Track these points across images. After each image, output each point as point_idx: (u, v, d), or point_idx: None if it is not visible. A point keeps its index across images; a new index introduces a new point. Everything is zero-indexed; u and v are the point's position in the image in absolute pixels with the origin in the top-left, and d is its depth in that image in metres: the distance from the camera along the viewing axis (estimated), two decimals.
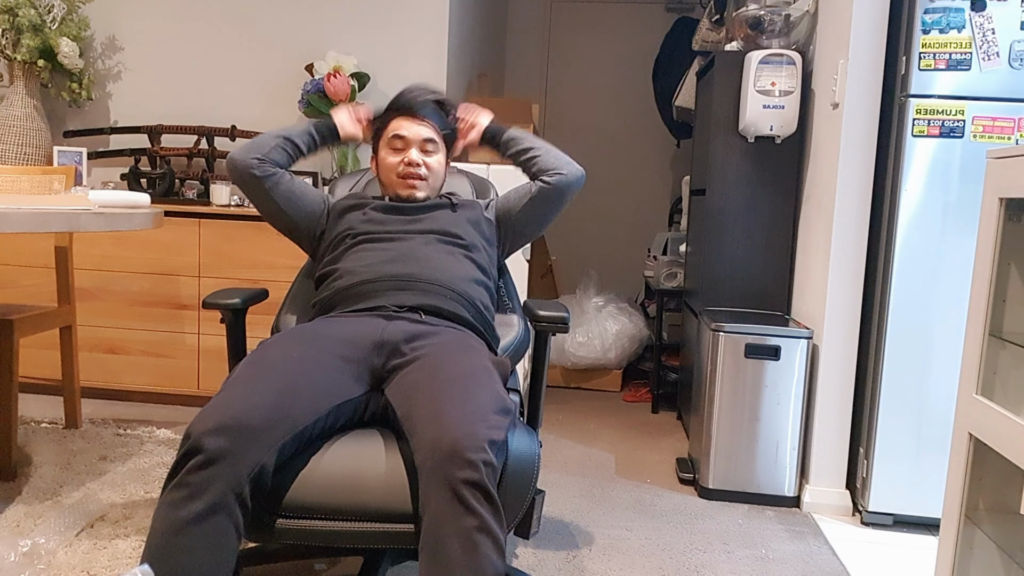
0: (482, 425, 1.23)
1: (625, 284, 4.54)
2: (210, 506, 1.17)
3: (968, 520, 1.36)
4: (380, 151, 1.80)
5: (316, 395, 1.33)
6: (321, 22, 3.16)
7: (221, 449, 1.18)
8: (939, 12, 2.06)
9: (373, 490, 1.28)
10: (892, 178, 2.15)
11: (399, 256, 1.62)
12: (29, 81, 3.07)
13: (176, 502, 1.18)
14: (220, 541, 1.18)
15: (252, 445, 1.20)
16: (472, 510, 1.16)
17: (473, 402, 1.27)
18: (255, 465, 1.21)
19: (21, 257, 2.96)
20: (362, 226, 1.70)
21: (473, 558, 1.15)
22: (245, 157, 1.68)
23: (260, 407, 1.24)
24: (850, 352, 2.28)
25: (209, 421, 1.21)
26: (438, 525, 1.17)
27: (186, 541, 1.17)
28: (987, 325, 1.32)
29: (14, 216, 1.58)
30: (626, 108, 4.75)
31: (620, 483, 2.46)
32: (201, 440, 1.19)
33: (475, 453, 1.18)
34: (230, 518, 1.19)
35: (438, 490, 1.18)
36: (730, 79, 2.57)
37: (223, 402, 1.25)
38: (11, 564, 1.70)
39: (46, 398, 2.98)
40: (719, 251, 2.65)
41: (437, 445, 1.20)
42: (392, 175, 1.76)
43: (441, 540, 1.16)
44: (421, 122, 1.76)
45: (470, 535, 1.16)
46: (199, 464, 1.18)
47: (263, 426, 1.23)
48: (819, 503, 2.31)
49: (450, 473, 1.17)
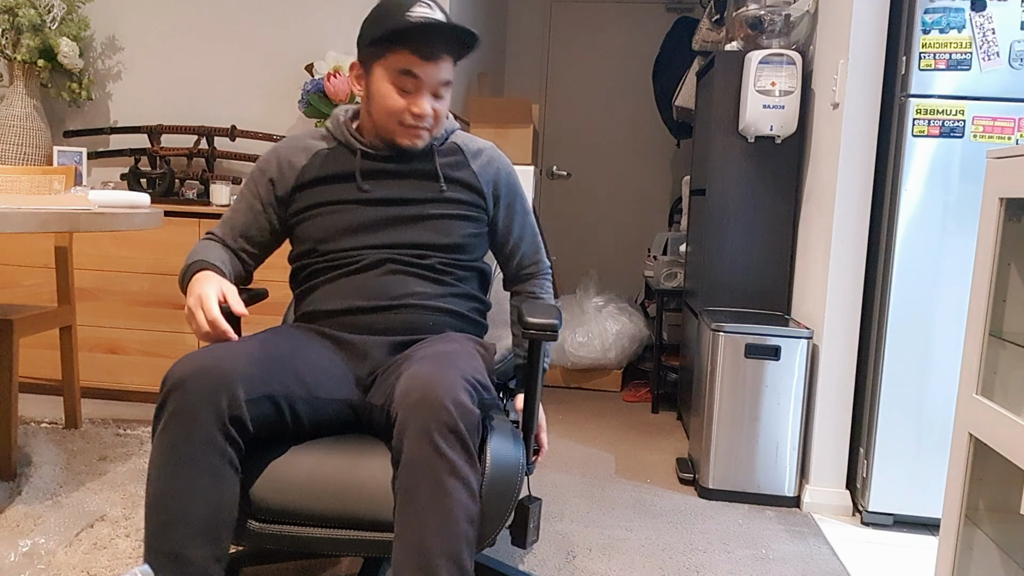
0: (456, 373, 1.21)
1: (625, 284, 4.54)
2: (199, 447, 1.17)
3: (968, 520, 1.36)
4: (378, 81, 1.45)
5: (299, 372, 1.32)
6: (321, 22, 3.16)
7: (201, 387, 1.17)
8: (939, 12, 2.06)
9: (355, 497, 1.24)
10: (892, 178, 2.15)
11: (376, 290, 1.45)
12: (29, 81, 3.07)
13: (167, 446, 1.17)
14: (218, 479, 1.18)
15: (229, 386, 1.19)
16: (442, 454, 1.15)
17: (449, 361, 1.25)
18: (235, 406, 1.19)
19: (21, 257, 2.96)
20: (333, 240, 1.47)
21: (444, 502, 1.14)
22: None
23: (240, 359, 1.23)
24: (850, 352, 2.28)
25: (188, 365, 1.20)
26: (409, 471, 1.16)
27: (182, 483, 1.16)
28: (987, 325, 1.31)
29: (14, 216, 1.58)
30: (626, 108, 4.75)
31: (620, 483, 2.46)
32: (181, 380, 1.18)
33: (447, 396, 1.16)
34: (221, 456, 1.18)
35: (410, 437, 1.16)
36: (730, 79, 2.56)
37: (203, 350, 1.24)
38: (11, 564, 1.70)
39: (46, 398, 2.98)
40: (719, 251, 2.65)
41: (409, 394, 1.19)
42: (393, 121, 1.46)
43: (413, 485, 1.15)
44: (441, 60, 1.44)
45: (441, 479, 1.14)
46: (180, 404, 1.17)
47: (242, 374, 1.21)
48: (819, 503, 2.31)
49: (422, 418, 1.16)
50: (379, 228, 1.47)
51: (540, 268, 1.65)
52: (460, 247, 1.51)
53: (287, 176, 1.52)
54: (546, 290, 1.63)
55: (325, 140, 1.54)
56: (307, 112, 2.99)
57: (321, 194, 1.49)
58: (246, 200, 1.55)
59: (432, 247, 1.48)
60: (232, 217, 1.55)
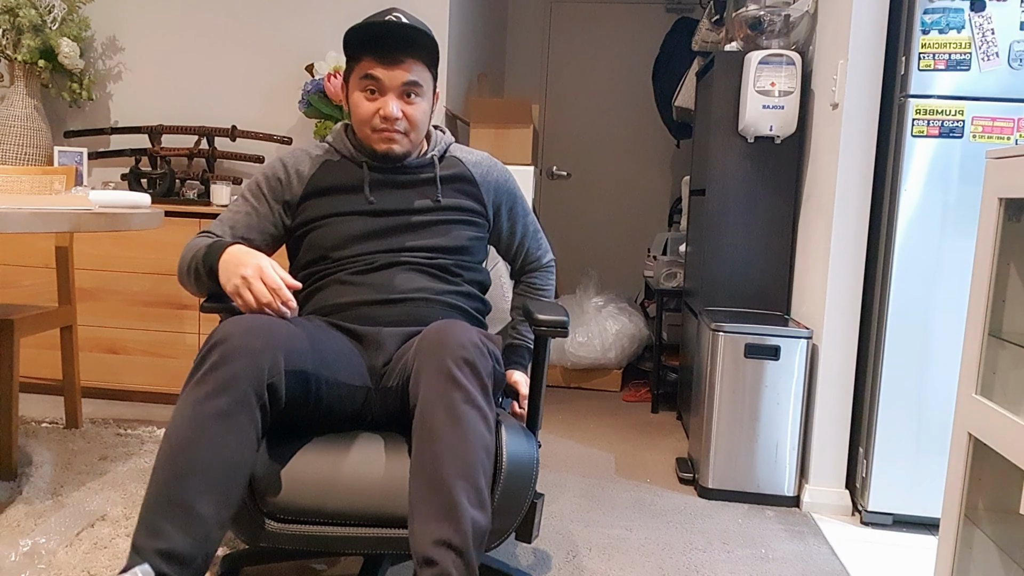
0: (469, 329, 1.27)
1: (625, 284, 4.55)
2: (233, 403, 1.17)
3: (968, 520, 1.36)
4: (352, 92, 1.53)
5: (324, 356, 1.34)
6: (321, 22, 3.17)
7: (246, 346, 1.19)
8: (939, 12, 2.06)
9: (371, 494, 1.26)
10: (892, 178, 2.15)
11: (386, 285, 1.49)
12: (29, 81, 3.07)
13: (199, 399, 1.17)
14: (241, 439, 1.18)
15: (274, 351, 1.21)
16: (458, 383, 1.19)
17: (460, 323, 1.31)
18: (275, 372, 1.21)
19: (21, 257, 2.96)
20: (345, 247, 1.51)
21: (459, 427, 1.17)
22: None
23: (283, 331, 1.26)
24: (850, 352, 2.29)
25: (238, 324, 1.22)
26: (426, 404, 1.20)
27: (208, 436, 1.16)
28: (987, 325, 1.32)
29: (14, 216, 1.58)
30: (626, 108, 4.75)
31: (620, 483, 2.46)
32: (229, 334, 1.19)
33: (462, 336, 1.23)
34: (251, 419, 1.18)
35: (427, 375, 1.21)
36: (730, 79, 2.57)
37: (252, 316, 1.27)
38: (11, 564, 1.70)
39: (46, 398, 2.98)
40: (719, 251, 2.65)
41: (424, 342, 1.25)
42: (366, 128, 1.51)
43: (430, 416, 1.18)
44: (400, 62, 1.46)
45: (456, 406, 1.18)
46: (223, 358, 1.18)
47: (286, 345, 1.24)
48: (819, 503, 2.31)
49: (439, 357, 1.21)
50: (387, 235, 1.53)
51: (543, 262, 1.79)
52: (464, 249, 1.58)
53: (295, 184, 1.56)
54: (547, 282, 1.76)
55: (328, 153, 1.59)
56: (307, 112, 2.99)
57: (331, 204, 1.53)
58: (248, 204, 1.56)
59: (438, 249, 1.54)
60: (232, 218, 1.56)
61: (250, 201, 1.56)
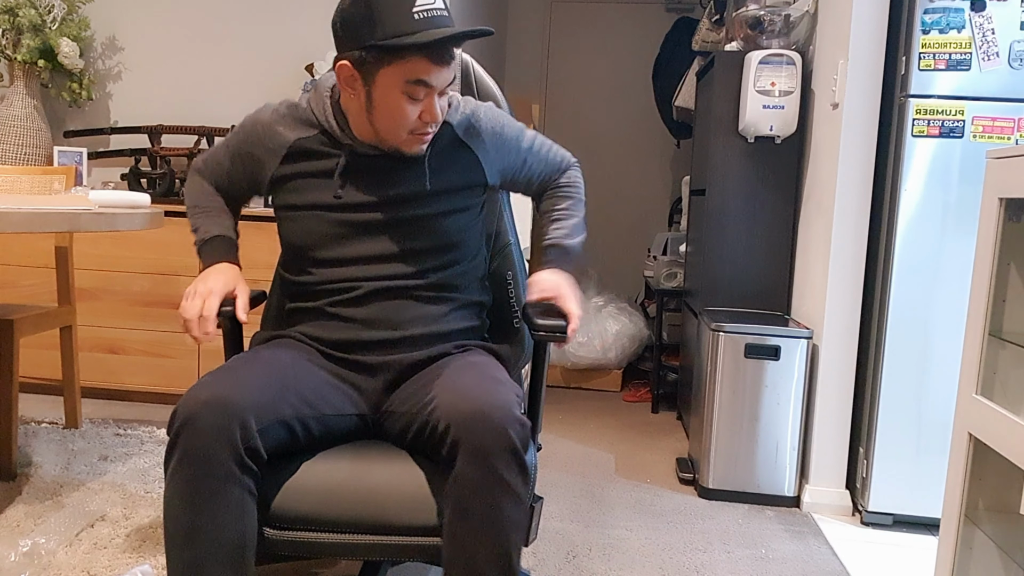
0: (507, 389, 1.22)
1: (625, 284, 4.54)
2: (219, 482, 1.15)
3: (968, 520, 1.36)
4: (384, 89, 1.30)
5: (303, 393, 1.30)
6: (321, 22, 3.16)
7: (212, 424, 1.15)
8: (939, 12, 2.06)
9: (370, 501, 1.24)
10: (892, 178, 2.15)
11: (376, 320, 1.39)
12: (29, 81, 3.07)
13: (185, 485, 1.15)
14: (241, 509, 1.17)
15: (241, 418, 1.17)
16: (500, 477, 1.15)
17: (490, 374, 1.26)
18: (248, 437, 1.17)
19: (21, 257, 2.96)
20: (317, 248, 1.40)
21: (497, 521, 1.16)
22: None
23: (248, 387, 1.21)
24: (850, 352, 2.28)
25: (196, 400, 1.17)
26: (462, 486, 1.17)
27: (209, 519, 1.15)
28: (987, 325, 1.32)
29: (14, 216, 1.58)
30: (626, 108, 4.75)
31: (620, 483, 2.46)
32: (190, 417, 1.16)
33: (505, 416, 1.16)
34: (242, 487, 1.17)
35: (465, 453, 1.16)
36: (730, 79, 2.56)
37: (210, 380, 1.22)
38: (11, 564, 1.70)
39: (46, 398, 2.98)
40: (719, 251, 2.65)
41: (458, 407, 1.18)
42: (403, 132, 1.33)
43: (467, 502, 1.17)
44: (450, 61, 1.32)
45: (496, 501, 1.16)
46: (193, 443, 1.15)
47: (252, 403, 1.19)
48: (819, 503, 2.31)
49: (478, 437, 1.15)
50: (365, 235, 1.39)
51: (561, 167, 1.59)
52: (454, 246, 1.42)
53: (270, 151, 1.43)
54: (572, 178, 1.58)
55: (308, 124, 1.42)
56: None
57: (299, 193, 1.41)
58: (226, 161, 1.52)
59: (425, 252, 1.40)
60: (215, 166, 1.55)
61: (224, 164, 1.52)
